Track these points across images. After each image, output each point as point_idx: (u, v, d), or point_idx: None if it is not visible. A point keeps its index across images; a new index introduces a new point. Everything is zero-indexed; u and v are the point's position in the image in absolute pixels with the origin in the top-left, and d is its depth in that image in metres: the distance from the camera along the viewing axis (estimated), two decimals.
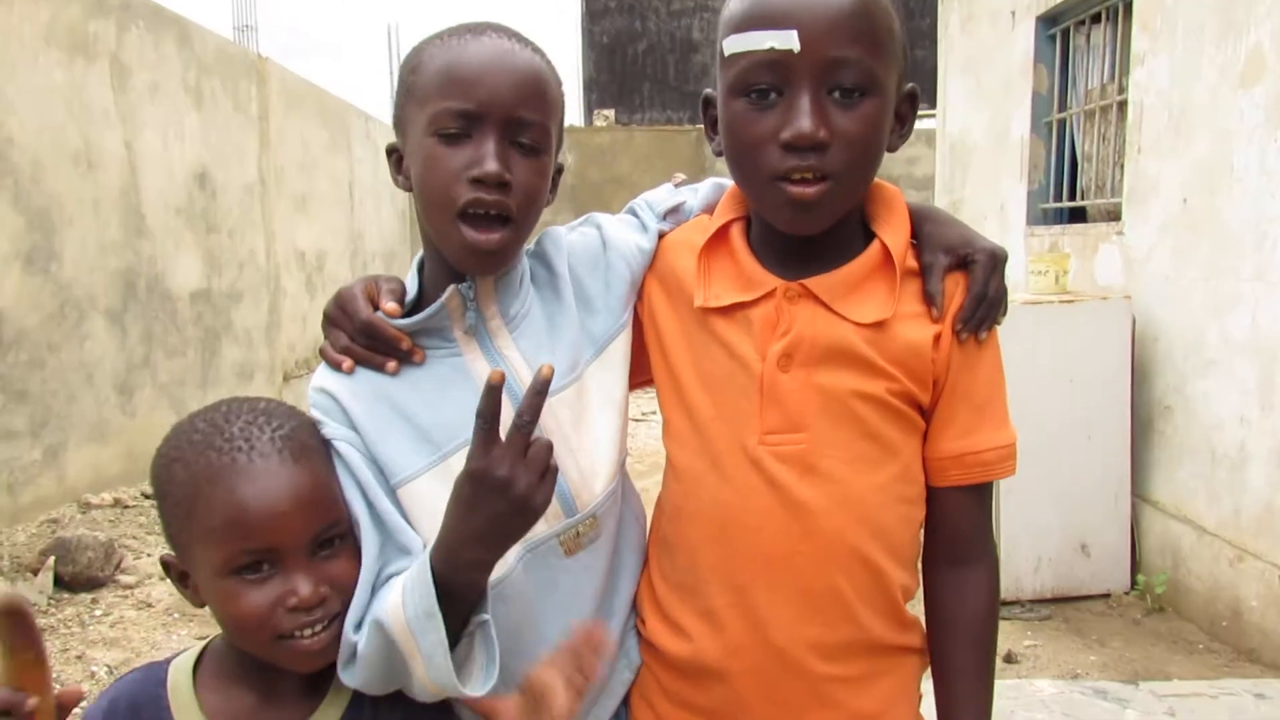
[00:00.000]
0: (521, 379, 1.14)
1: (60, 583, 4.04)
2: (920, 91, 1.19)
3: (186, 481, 1.03)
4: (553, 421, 1.14)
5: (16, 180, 4.70)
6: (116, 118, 5.60)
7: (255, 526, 1.01)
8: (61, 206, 5.04)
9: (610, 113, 16.66)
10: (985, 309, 1.14)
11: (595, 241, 1.25)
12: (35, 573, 4.02)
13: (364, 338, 1.14)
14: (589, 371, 1.18)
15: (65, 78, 5.12)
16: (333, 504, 1.06)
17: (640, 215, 1.29)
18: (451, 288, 1.12)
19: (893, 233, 1.16)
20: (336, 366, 1.15)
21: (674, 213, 1.30)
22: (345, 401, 1.13)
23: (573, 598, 1.18)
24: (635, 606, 1.30)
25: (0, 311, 4.57)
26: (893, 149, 1.14)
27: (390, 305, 1.13)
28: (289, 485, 1.02)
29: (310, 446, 1.07)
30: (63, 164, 5.07)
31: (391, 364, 1.14)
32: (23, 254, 4.74)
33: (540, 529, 1.13)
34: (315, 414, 1.13)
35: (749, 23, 1.07)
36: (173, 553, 1.08)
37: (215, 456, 1.02)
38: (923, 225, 1.19)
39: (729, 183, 1.30)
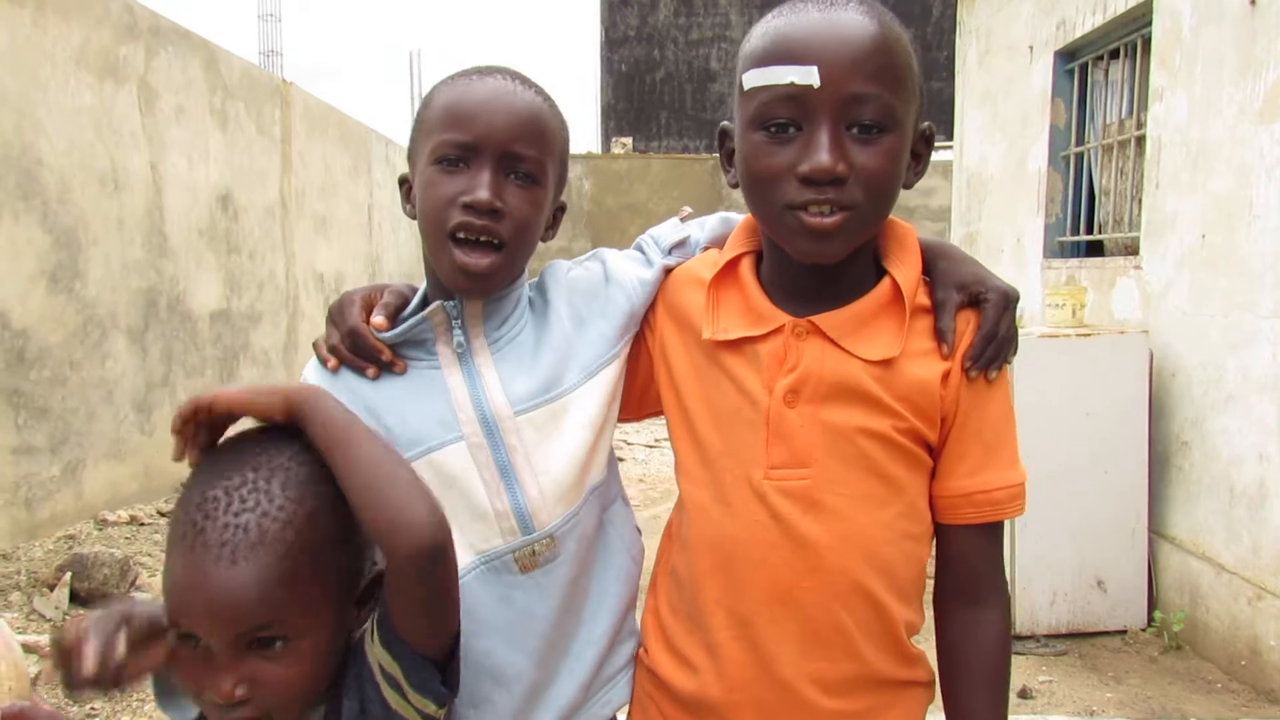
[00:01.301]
0: (492, 398, 1.19)
1: (76, 599, 4.06)
2: (936, 127, 1.20)
3: (169, 527, 1.04)
4: (515, 440, 1.19)
5: (45, 200, 4.77)
6: (143, 139, 5.68)
7: (181, 608, 0.99)
8: (87, 226, 5.11)
9: (628, 140, 16.79)
10: (995, 348, 1.15)
11: (598, 275, 1.30)
12: (51, 588, 4.05)
13: (349, 342, 1.22)
14: (573, 397, 1.22)
15: (95, 100, 5.21)
16: (275, 609, 0.99)
17: (645, 250, 1.33)
18: (436, 303, 1.19)
19: (904, 269, 1.16)
20: (323, 362, 1.23)
21: (680, 246, 1.32)
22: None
23: (526, 615, 1.21)
24: (626, 638, 1.31)
25: (25, 329, 4.63)
26: (908, 186, 1.15)
27: (378, 319, 1.21)
28: (216, 586, 0.97)
29: (274, 542, 0.99)
30: (90, 184, 5.14)
31: (371, 370, 1.22)
32: (48, 272, 4.80)
33: (496, 543, 1.19)
34: None
35: (770, 57, 1.08)
36: None
37: (182, 521, 1.00)
38: (936, 262, 1.20)
39: (737, 217, 1.32)
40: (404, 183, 1.24)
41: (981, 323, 1.15)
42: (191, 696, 1.03)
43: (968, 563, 1.21)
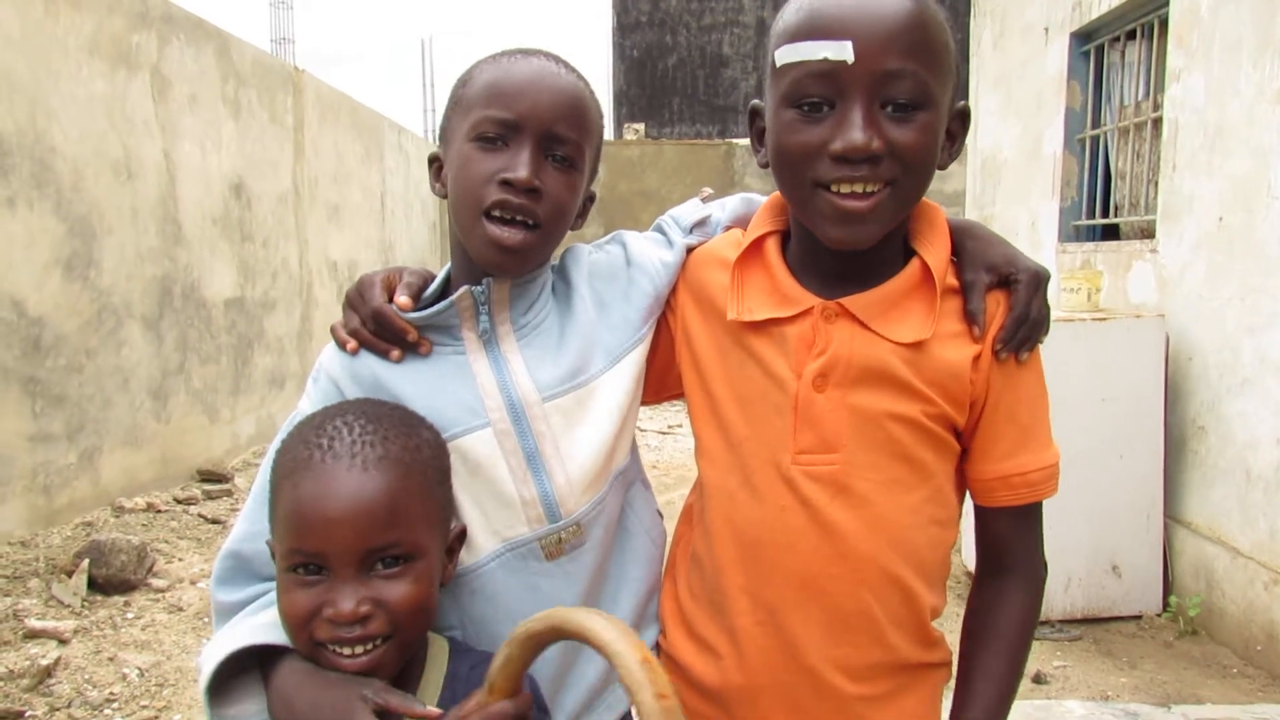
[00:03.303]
0: (519, 384, 1.17)
1: (93, 585, 4.09)
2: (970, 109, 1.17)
3: (277, 471, 1.05)
4: (544, 426, 1.17)
5: (58, 189, 4.78)
6: (156, 128, 5.69)
7: (307, 527, 1.00)
8: (101, 214, 5.13)
9: (640, 126, 16.72)
10: (1027, 330, 1.13)
11: (619, 258, 1.28)
12: (69, 575, 4.08)
13: (373, 324, 1.19)
14: (599, 383, 1.20)
15: (107, 88, 5.22)
16: (398, 522, 1.02)
17: (667, 231, 1.31)
18: (464, 288, 1.16)
19: (934, 250, 1.14)
20: (342, 346, 1.20)
21: (700, 226, 1.31)
22: (345, 386, 1.19)
23: (551, 602, 1.18)
24: (650, 623, 1.30)
25: (40, 317, 4.65)
26: (943, 166, 1.12)
27: (403, 299, 1.18)
28: (349, 493, 0.99)
29: (397, 460, 1.04)
30: (103, 173, 5.16)
31: (395, 352, 1.18)
32: (63, 261, 4.82)
33: (522, 531, 1.17)
34: (314, 392, 1.20)
35: (803, 33, 1.05)
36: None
37: (301, 449, 1.03)
38: (964, 242, 1.18)
39: (759, 198, 1.30)
40: (434, 161, 1.22)
41: (1013, 304, 1.13)
42: (293, 632, 1.02)
43: (1004, 542, 1.21)
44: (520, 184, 1.10)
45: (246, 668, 1.06)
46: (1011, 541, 1.21)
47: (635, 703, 0.77)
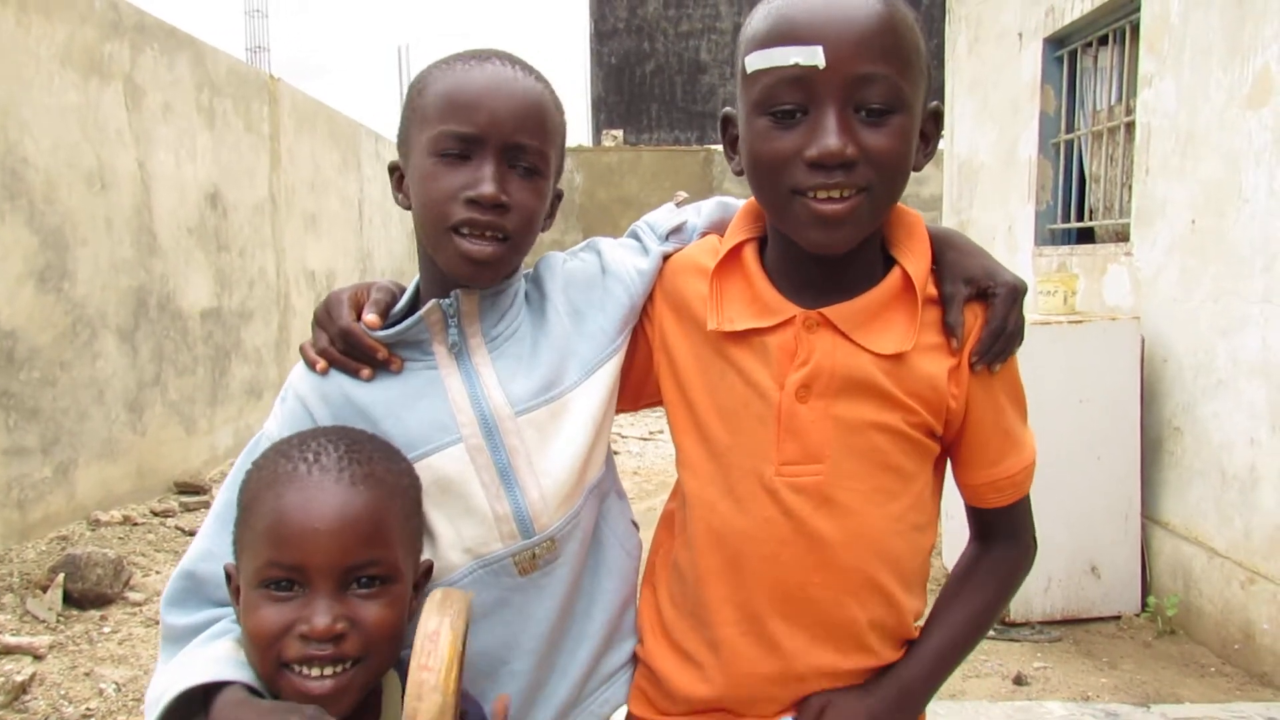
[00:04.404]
0: (492, 398, 1.15)
1: (69, 599, 4.04)
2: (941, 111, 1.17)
3: (252, 486, 1.03)
4: (517, 440, 1.15)
5: (31, 200, 4.73)
6: (130, 138, 5.65)
7: (289, 538, 0.97)
8: (75, 225, 5.08)
9: (618, 133, 16.73)
10: (1003, 343, 1.14)
11: (594, 267, 1.26)
12: (45, 589, 4.03)
13: (342, 343, 1.16)
14: (573, 396, 1.19)
15: (80, 98, 5.17)
16: (380, 541, 1.00)
17: (642, 238, 1.29)
18: (432, 302, 1.14)
19: (914, 260, 1.14)
20: (311, 366, 1.17)
21: (676, 233, 1.28)
22: (313, 407, 1.16)
23: (524, 617, 1.18)
24: (625, 636, 1.29)
25: (13, 330, 4.60)
26: (918, 168, 1.12)
27: (371, 317, 1.16)
28: (335, 504, 0.98)
29: (381, 479, 1.03)
30: (76, 183, 5.11)
31: (365, 371, 1.16)
32: (36, 272, 4.77)
33: (496, 548, 1.15)
34: (281, 413, 1.17)
35: (773, 39, 1.04)
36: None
37: (284, 463, 1.01)
38: (944, 253, 1.17)
39: (735, 202, 1.29)
40: (394, 170, 1.19)
41: (989, 318, 1.13)
42: (260, 652, 0.99)
43: (991, 527, 1.25)
44: (486, 200, 1.07)
45: (194, 704, 1.03)
46: (1001, 526, 1.25)
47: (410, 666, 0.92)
